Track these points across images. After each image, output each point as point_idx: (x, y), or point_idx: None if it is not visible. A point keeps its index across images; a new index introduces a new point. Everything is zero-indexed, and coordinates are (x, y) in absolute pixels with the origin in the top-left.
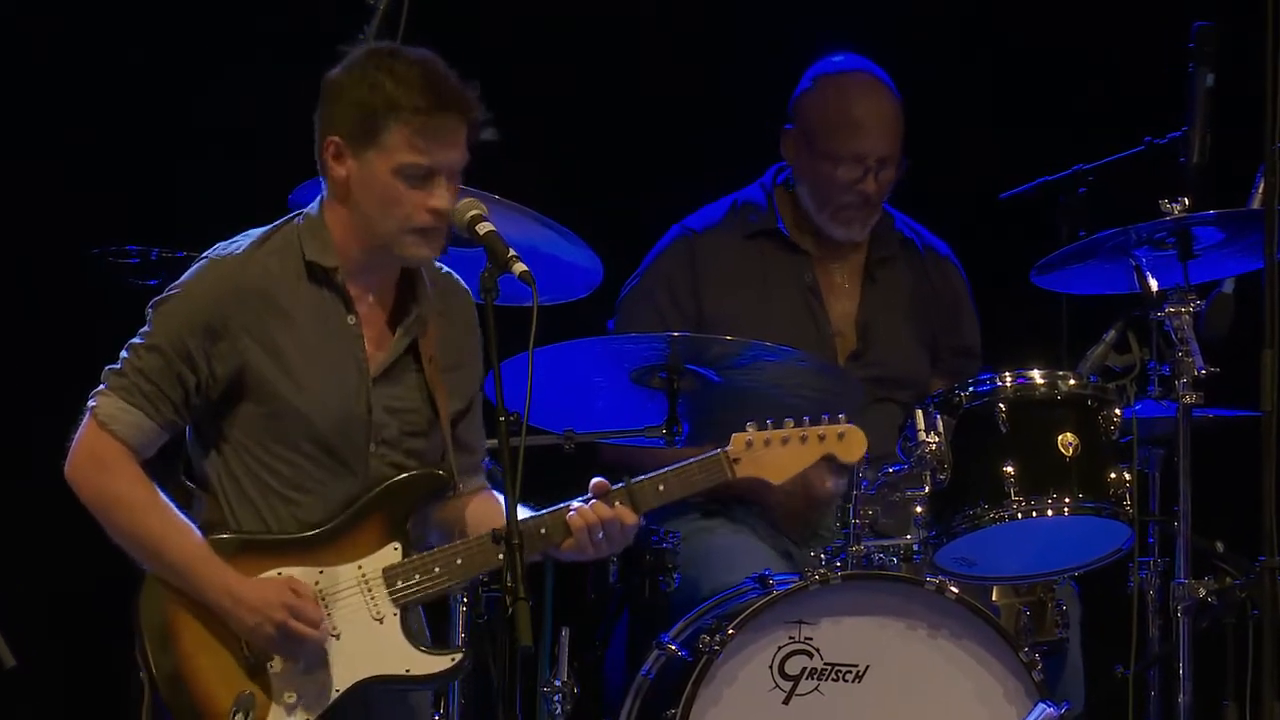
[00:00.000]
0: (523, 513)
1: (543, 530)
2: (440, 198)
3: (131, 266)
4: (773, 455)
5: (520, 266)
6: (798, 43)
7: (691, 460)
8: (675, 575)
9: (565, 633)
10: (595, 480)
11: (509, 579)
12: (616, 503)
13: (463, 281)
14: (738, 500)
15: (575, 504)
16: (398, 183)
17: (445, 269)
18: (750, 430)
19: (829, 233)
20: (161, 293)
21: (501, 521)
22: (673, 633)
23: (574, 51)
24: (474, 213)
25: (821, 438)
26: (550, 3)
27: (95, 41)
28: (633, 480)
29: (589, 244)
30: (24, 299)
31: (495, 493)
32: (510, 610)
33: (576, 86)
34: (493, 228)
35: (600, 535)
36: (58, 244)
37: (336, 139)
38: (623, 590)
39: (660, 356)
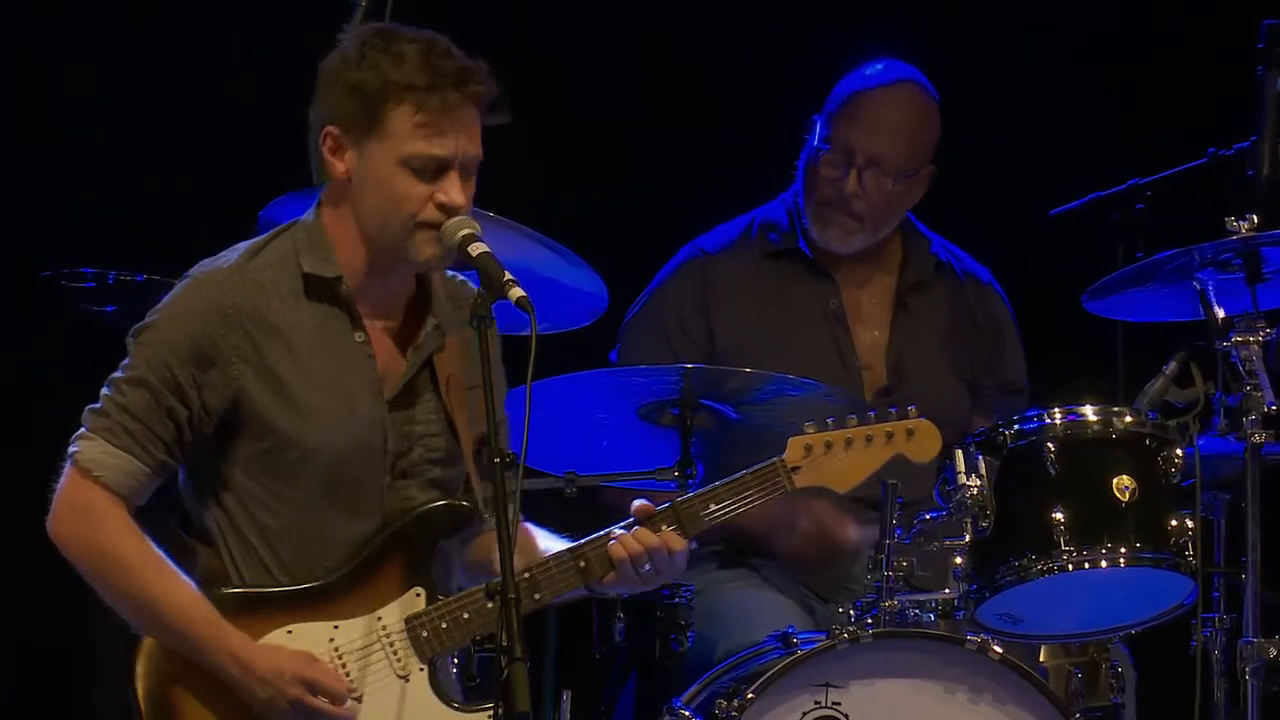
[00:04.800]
0: (557, 544)
1: (581, 564)
2: (453, 191)
3: (87, 291)
4: (835, 460)
5: (517, 291)
6: (825, 51)
7: (745, 471)
8: (689, 633)
9: (567, 697)
10: (637, 503)
11: (504, 638)
12: (663, 526)
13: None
14: (757, 551)
15: (617, 530)
16: (403, 174)
17: (459, 277)
18: (809, 431)
19: (812, 236)
20: (143, 318)
21: (538, 556)
22: (686, 697)
23: (575, 56)
24: (466, 232)
25: (890, 436)
26: (548, 6)
27: (61, 50)
28: (680, 499)
29: (593, 266)
30: None
31: (531, 526)
32: (506, 673)
33: (578, 94)
34: (487, 249)
35: (647, 567)
36: (6, 265)
37: (334, 129)
38: (631, 650)
39: (672, 391)
